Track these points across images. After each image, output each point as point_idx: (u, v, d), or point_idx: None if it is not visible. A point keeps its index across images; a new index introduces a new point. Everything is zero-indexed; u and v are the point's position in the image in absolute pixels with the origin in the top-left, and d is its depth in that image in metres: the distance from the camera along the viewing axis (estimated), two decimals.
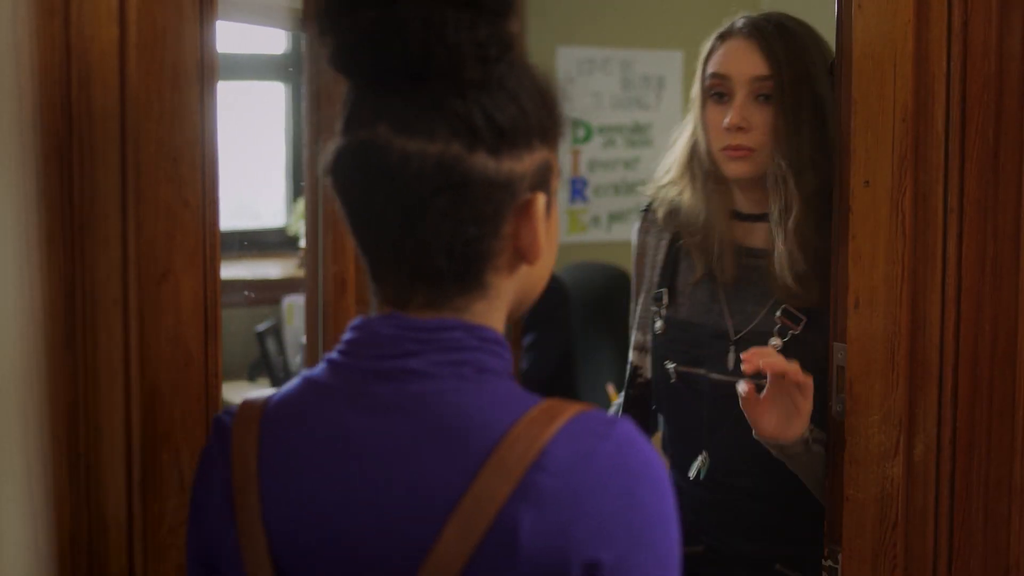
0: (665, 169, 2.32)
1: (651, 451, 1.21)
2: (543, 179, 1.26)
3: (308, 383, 1.27)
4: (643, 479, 1.18)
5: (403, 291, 1.23)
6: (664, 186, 2.34)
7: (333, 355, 1.27)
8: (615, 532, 1.15)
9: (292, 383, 1.28)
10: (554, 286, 4.75)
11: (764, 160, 2.12)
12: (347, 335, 1.26)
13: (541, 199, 1.25)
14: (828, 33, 2.10)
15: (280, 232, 5.42)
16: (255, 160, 5.45)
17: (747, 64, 2.14)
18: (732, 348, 2.18)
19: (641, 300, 2.39)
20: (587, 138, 5.86)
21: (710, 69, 2.18)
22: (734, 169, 2.14)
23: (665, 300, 2.30)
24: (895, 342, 1.94)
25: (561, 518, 1.14)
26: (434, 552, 1.15)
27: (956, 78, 1.90)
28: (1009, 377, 1.92)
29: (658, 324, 2.30)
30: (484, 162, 1.18)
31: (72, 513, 1.49)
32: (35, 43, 1.38)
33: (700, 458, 2.24)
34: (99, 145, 1.44)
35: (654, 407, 2.37)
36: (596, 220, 5.91)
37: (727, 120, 2.12)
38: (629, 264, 5.46)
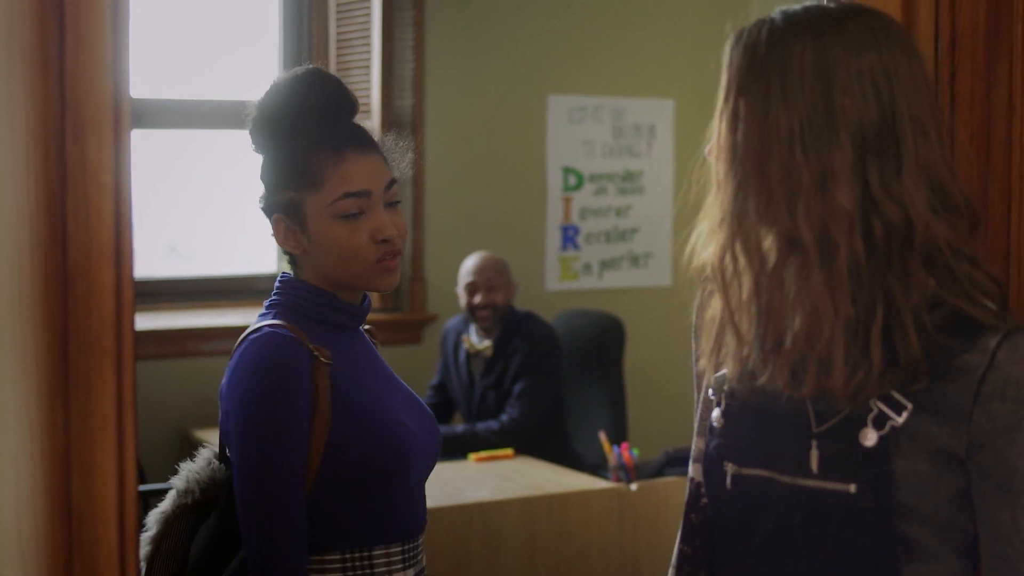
0: None
1: None
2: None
3: None
4: None
5: None
6: None
7: None
8: None
9: None
10: (544, 333, 4.76)
11: None
12: None
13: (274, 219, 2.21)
14: None
15: (272, 278, 5.43)
16: (246, 206, 5.46)
17: None
18: (815, 443, 1.63)
19: (703, 395, 1.92)
20: (578, 186, 5.88)
21: None
22: None
23: (727, 384, 1.79)
24: None
25: None
26: None
27: (945, 128, 1.91)
28: None
29: (716, 415, 1.80)
30: None
31: (64, 564, 1.49)
32: (29, 95, 1.38)
33: None
34: (93, 197, 1.44)
35: None
36: (587, 268, 5.92)
37: None
38: (621, 311, 5.48)
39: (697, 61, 6.08)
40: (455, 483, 4.03)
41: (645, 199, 6.03)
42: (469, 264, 4.81)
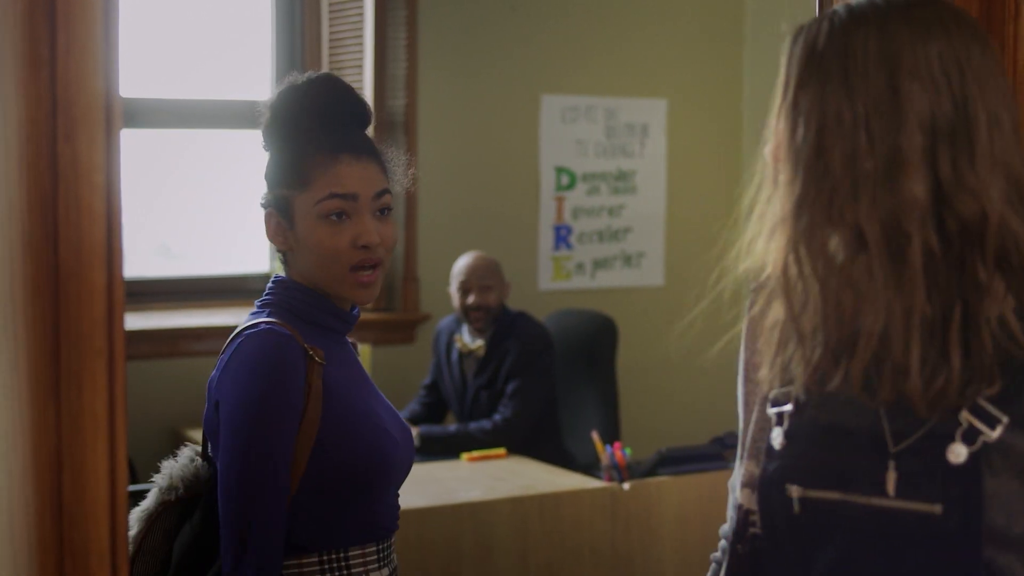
0: None
1: None
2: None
3: None
4: None
5: None
6: None
7: None
8: None
9: None
10: (537, 333, 4.76)
11: None
12: None
13: (267, 213, 2.23)
14: None
15: (264, 278, 5.43)
16: (238, 206, 5.46)
17: None
18: (892, 463, 1.49)
19: (756, 410, 1.75)
20: (571, 185, 5.88)
21: None
22: None
23: (792, 401, 1.61)
24: None
25: None
26: None
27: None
28: None
29: (776, 436, 1.62)
30: None
31: (56, 563, 1.49)
32: (21, 95, 1.38)
33: None
34: (84, 196, 1.44)
35: None
36: (580, 267, 5.92)
37: None
38: (613, 311, 5.49)
39: (690, 61, 6.10)
40: (447, 482, 4.03)
41: (638, 199, 6.04)
42: (461, 264, 4.81)
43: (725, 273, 1.68)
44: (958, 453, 1.44)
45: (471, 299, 4.72)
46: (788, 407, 1.60)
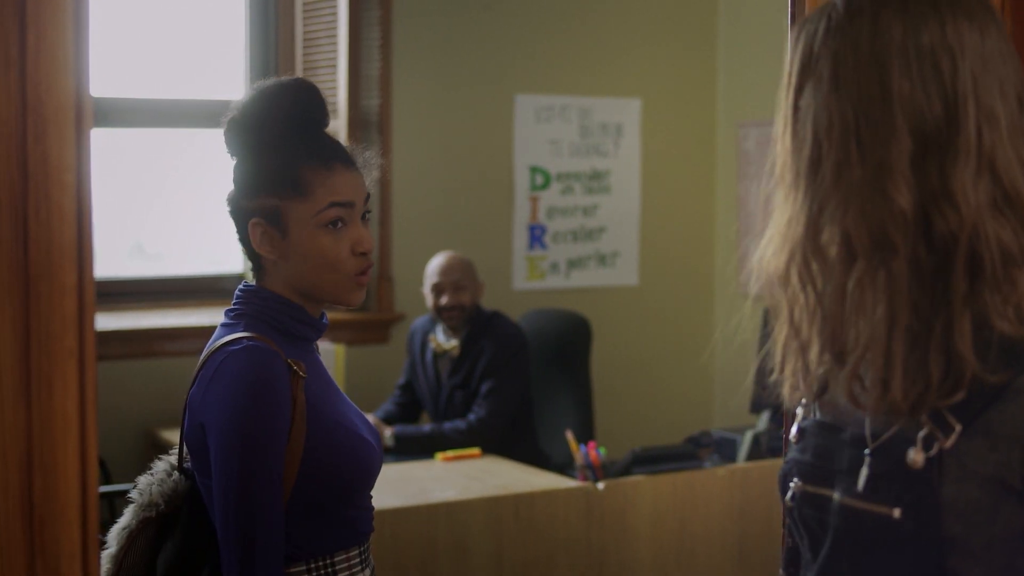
0: None
1: None
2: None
3: None
4: None
5: None
6: None
7: None
8: None
9: None
10: (512, 332, 4.76)
11: None
12: None
13: (252, 223, 2.20)
14: None
15: (238, 278, 5.42)
16: (212, 206, 5.45)
17: None
18: (867, 460, 1.49)
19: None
20: (545, 185, 5.89)
21: None
22: None
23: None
24: None
25: None
26: None
27: None
28: None
29: (793, 429, 1.64)
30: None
31: (27, 565, 1.48)
32: None
33: None
34: (55, 196, 1.44)
35: None
36: (555, 267, 5.93)
37: None
38: (588, 311, 5.49)
39: (664, 60, 6.11)
40: (422, 482, 4.03)
41: (612, 198, 6.04)
42: (435, 264, 4.81)
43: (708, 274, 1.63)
44: (916, 458, 1.43)
45: (444, 300, 4.72)
46: (803, 402, 1.61)
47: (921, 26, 1.41)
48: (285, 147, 2.19)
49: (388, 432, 4.51)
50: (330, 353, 4.65)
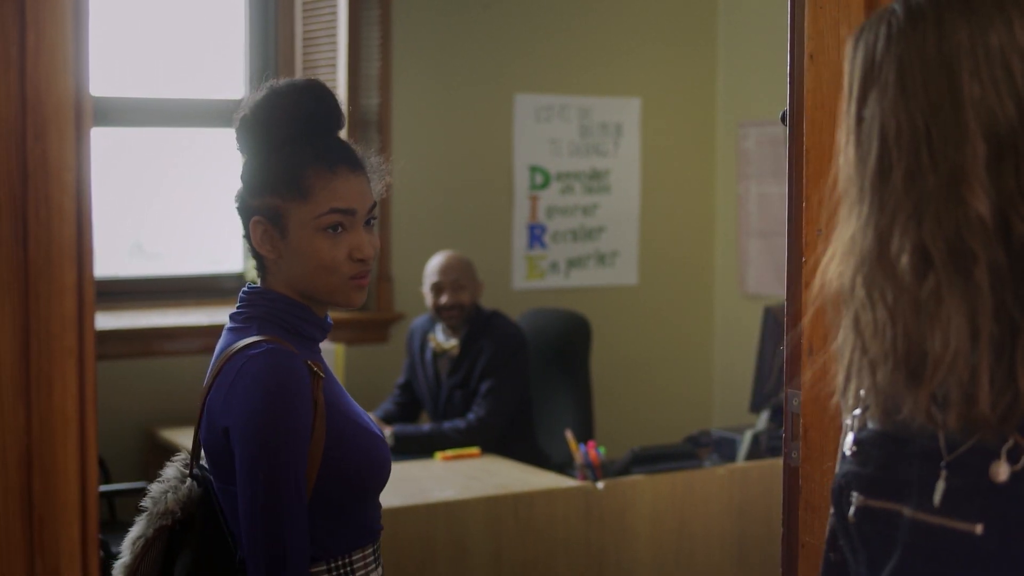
0: None
1: None
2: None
3: None
4: None
5: None
6: None
7: None
8: None
9: None
10: (511, 332, 4.76)
11: None
12: None
13: (253, 221, 2.21)
14: (782, 80, 2.12)
15: (238, 277, 5.42)
16: (212, 206, 5.45)
17: None
18: (943, 473, 1.42)
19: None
20: (545, 185, 5.89)
21: None
22: None
23: (862, 407, 1.56)
24: None
25: None
26: None
27: None
28: None
29: (848, 442, 1.57)
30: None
31: (26, 564, 1.48)
32: None
33: None
34: (55, 196, 1.44)
35: None
36: (554, 266, 5.93)
37: None
38: (587, 310, 5.49)
39: (664, 60, 6.11)
40: (421, 482, 4.03)
41: (612, 198, 6.04)
42: (434, 264, 4.81)
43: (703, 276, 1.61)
44: (1001, 471, 1.37)
45: (444, 299, 4.72)
46: (858, 411, 1.54)
47: (988, 27, 1.36)
48: (291, 148, 2.18)
49: (388, 431, 4.51)
50: (330, 353, 4.65)
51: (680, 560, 4.08)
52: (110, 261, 5.35)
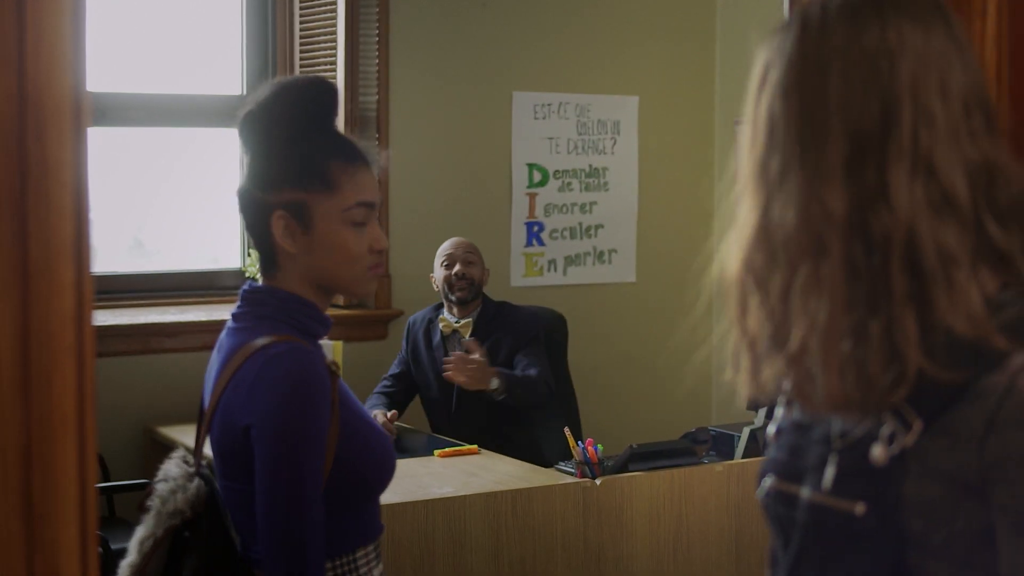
0: None
1: None
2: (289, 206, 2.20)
3: None
4: None
5: None
6: None
7: None
8: None
9: None
10: (527, 314, 4.88)
11: None
12: None
13: (275, 215, 2.19)
14: None
15: (237, 274, 5.42)
16: (211, 202, 5.45)
17: None
18: (833, 458, 1.51)
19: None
20: (543, 182, 5.89)
21: None
22: None
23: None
24: None
25: None
26: None
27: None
28: None
29: (771, 427, 1.67)
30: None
31: (25, 562, 1.49)
32: None
33: None
34: (54, 194, 1.44)
35: None
36: (552, 264, 5.93)
37: None
38: (585, 307, 5.48)
39: (662, 58, 6.11)
40: (420, 478, 4.03)
41: (610, 195, 6.05)
42: (446, 244, 4.92)
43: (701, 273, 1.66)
44: (879, 455, 1.43)
45: (456, 268, 4.79)
46: (784, 401, 1.62)
47: (863, 30, 1.42)
48: (312, 141, 2.19)
49: (495, 383, 4.56)
50: (328, 349, 4.65)
51: (678, 556, 4.08)
52: (110, 258, 5.35)
